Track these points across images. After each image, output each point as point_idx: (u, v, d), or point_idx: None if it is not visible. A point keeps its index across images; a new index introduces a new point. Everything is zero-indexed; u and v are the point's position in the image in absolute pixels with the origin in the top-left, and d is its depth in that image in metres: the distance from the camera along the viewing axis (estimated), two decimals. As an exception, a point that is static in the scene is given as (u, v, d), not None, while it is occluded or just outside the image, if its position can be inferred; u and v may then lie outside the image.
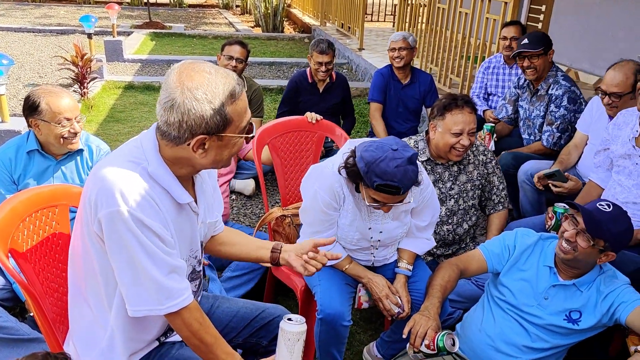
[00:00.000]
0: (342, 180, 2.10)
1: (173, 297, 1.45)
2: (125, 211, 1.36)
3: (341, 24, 10.38)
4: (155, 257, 1.41)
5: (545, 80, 3.47)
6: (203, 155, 1.44)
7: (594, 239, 1.88)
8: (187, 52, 9.56)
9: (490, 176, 2.72)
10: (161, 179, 1.46)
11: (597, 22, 6.97)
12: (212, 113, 1.38)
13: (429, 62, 6.77)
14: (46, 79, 7.30)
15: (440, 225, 2.67)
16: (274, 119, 3.05)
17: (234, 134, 1.44)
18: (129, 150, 1.48)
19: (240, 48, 3.95)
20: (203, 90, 1.37)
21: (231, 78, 1.43)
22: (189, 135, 1.40)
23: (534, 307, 2.02)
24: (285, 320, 1.53)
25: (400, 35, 4.20)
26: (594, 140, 3.05)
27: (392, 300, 2.16)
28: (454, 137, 2.46)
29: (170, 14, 15.17)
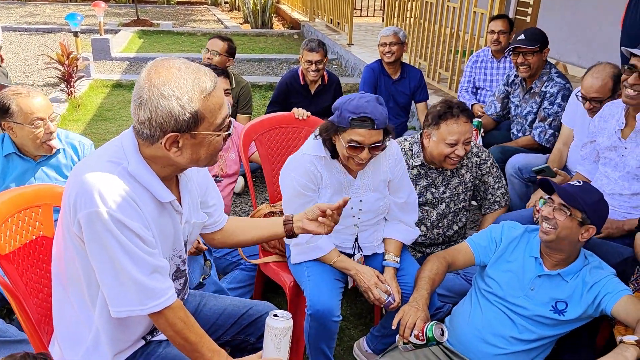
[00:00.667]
0: (314, 160, 2.14)
1: (155, 297, 1.44)
2: (104, 212, 1.34)
3: (330, 20, 10.36)
4: (136, 258, 1.40)
5: (539, 78, 3.46)
6: (178, 154, 1.42)
7: (569, 209, 1.90)
8: (175, 50, 9.50)
9: (485, 177, 2.69)
10: (142, 178, 1.44)
11: (585, 15, 7.00)
12: (181, 110, 1.35)
13: (417, 56, 6.78)
14: (32, 79, 7.24)
15: (430, 229, 2.68)
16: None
17: (207, 131, 1.40)
18: (109, 150, 1.47)
19: (221, 42, 3.93)
20: (170, 86, 1.34)
21: (202, 74, 1.39)
22: (160, 134, 1.37)
23: (521, 298, 2.03)
24: (271, 317, 1.53)
25: (391, 30, 4.19)
26: (579, 134, 3.06)
27: (382, 288, 2.16)
28: (449, 147, 2.41)
29: (158, 11, 15.08)
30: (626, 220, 2.44)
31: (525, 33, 3.39)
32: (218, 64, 3.86)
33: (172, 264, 1.62)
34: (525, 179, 3.19)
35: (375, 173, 2.22)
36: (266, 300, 2.73)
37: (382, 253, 2.35)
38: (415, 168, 2.60)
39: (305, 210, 1.78)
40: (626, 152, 2.47)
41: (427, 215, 2.66)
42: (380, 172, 2.23)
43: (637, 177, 2.44)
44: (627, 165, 2.46)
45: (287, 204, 2.22)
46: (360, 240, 2.31)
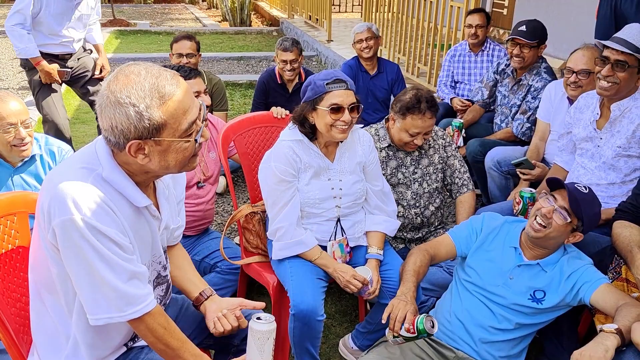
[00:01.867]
0: (292, 144, 2.22)
1: (134, 303, 1.42)
2: (79, 219, 1.32)
3: (309, 16, 10.35)
4: (113, 264, 1.38)
5: (529, 71, 3.49)
6: (147, 160, 1.39)
7: (571, 215, 1.92)
8: (153, 50, 9.41)
9: (450, 159, 2.77)
10: (116, 183, 1.42)
11: (559, 6, 7.07)
12: (138, 117, 1.32)
13: (396, 51, 6.79)
14: (7, 82, 7.11)
15: (407, 209, 2.71)
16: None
17: (173, 137, 1.37)
18: (82, 156, 1.44)
19: (189, 42, 3.87)
20: (127, 92, 1.31)
21: (163, 78, 1.35)
22: (124, 140, 1.35)
23: (500, 286, 2.05)
24: (254, 320, 1.53)
25: (365, 26, 4.21)
26: (556, 128, 3.09)
27: (359, 278, 2.18)
28: (410, 137, 2.53)
29: (135, 11, 14.92)
30: (604, 209, 2.46)
31: (527, 25, 3.39)
32: (194, 65, 3.84)
33: (152, 270, 1.61)
34: (504, 172, 3.22)
35: (351, 157, 2.31)
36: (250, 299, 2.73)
37: (366, 246, 2.37)
38: (383, 150, 2.67)
39: (225, 300, 1.76)
40: (601, 143, 2.50)
41: (403, 196, 2.71)
42: (356, 156, 2.32)
43: (613, 167, 2.47)
44: (603, 156, 2.49)
45: (269, 196, 2.24)
46: (343, 226, 2.33)
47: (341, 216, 2.32)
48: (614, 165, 2.46)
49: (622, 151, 2.43)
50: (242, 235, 2.57)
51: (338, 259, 2.29)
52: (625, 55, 2.30)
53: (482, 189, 3.60)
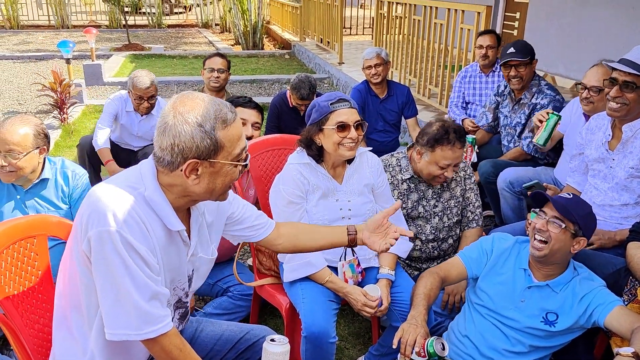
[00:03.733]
0: (299, 167, 2.27)
1: (152, 322, 1.44)
2: (115, 231, 1.37)
3: (320, 39, 10.47)
4: (138, 281, 1.41)
5: (528, 90, 3.52)
6: (196, 182, 1.45)
7: (564, 220, 1.93)
8: (167, 73, 9.57)
9: (468, 192, 2.75)
10: (156, 204, 1.47)
11: (571, 27, 7.10)
12: (203, 136, 1.40)
13: (407, 73, 6.84)
14: (26, 106, 7.26)
15: (425, 243, 2.71)
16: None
17: (226, 160, 1.45)
18: (128, 176, 1.50)
19: (220, 59, 4.05)
20: (194, 114, 1.40)
21: (224, 106, 1.46)
22: (181, 160, 1.42)
23: (512, 310, 2.04)
24: (268, 341, 1.54)
25: (374, 52, 4.25)
26: (569, 144, 3.10)
27: (371, 304, 2.18)
28: (440, 169, 2.51)
29: (149, 35, 15.19)
30: (618, 230, 2.46)
31: (515, 46, 3.45)
32: (223, 81, 4.07)
33: (174, 295, 1.63)
34: (517, 193, 3.21)
35: (359, 179, 2.34)
36: (264, 322, 2.74)
37: (378, 267, 2.37)
38: (405, 182, 2.66)
39: (367, 221, 1.84)
40: (614, 164, 2.50)
41: (422, 230, 2.69)
42: (364, 178, 2.35)
43: (626, 188, 2.47)
44: (616, 177, 2.49)
45: (279, 218, 2.27)
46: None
47: None
48: (627, 186, 2.46)
49: (634, 172, 2.43)
50: (255, 257, 2.59)
51: (349, 280, 2.30)
52: (632, 76, 2.31)
53: (495, 210, 3.59)
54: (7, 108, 7.16)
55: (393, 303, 2.28)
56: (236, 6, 12.24)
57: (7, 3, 15.53)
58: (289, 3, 13.54)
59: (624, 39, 5.96)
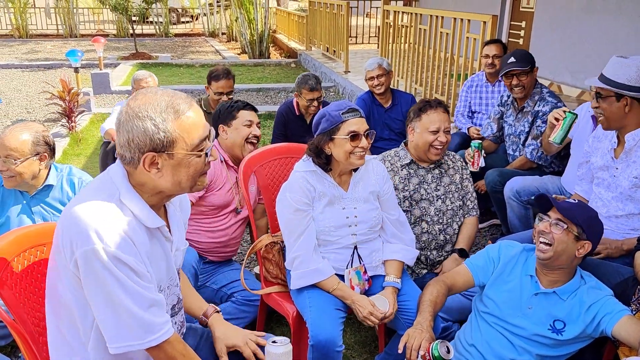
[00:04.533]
0: (306, 175, 2.29)
1: (153, 331, 1.45)
2: (101, 249, 1.37)
3: (326, 48, 10.52)
4: (133, 293, 1.42)
5: (531, 98, 3.54)
6: (160, 176, 1.47)
7: (566, 222, 1.94)
8: (174, 82, 9.64)
9: (465, 182, 2.87)
10: (132, 205, 1.48)
11: (576, 36, 7.11)
12: (155, 129, 1.41)
13: (413, 82, 6.86)
14: (34, 115, 7.33)
15: (431, 224, 2.76)
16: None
17: (185, 151, 1.45)
18: (99, 185, 1.51)
19: (227, 81, 4.02)
20: (145, 107, 1.42)
21: (178, 97, 1.46)
22: (139, 154, 1.44)
23: (519, 317, 2.04)
24: (270, 343, 1.58)
25: (375, 63, 4.27)
26: (576, 147, 3.10)
27: (377, 315, 2.19)
28: (432, 134, 2.65)
29: (156, 44, 15.32)
30: (625, 239, 2.46)
31: (514, 55, 3.48)
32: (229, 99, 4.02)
33: (171, 294, 1.65)
34: (524, 202, 3.21)
35: (365, 186, 2.37)
36: (270, 331, 2.75)
37: (384, 275, 2.38)
38: (404, 168, 2.76)
39: (227, 333, 1.82)
40: (617, 173, 2.50)
41: (426, 212, 2.77)
42: (369, 185, 2.37)
43: (631, 198, 2.46)
44: (620, 186, 2.49)
45: (286, 226, 2.30)
46: (361, 254, 2.35)
47: (358, 243, 2.34)
48: (631, 196, 2.46)
49: (638, 182, 2.42)
50: (262, 265, 2.60)
51: (356, 287, 2.31)
52: (598, 87, 2.44)
53: (502, 219, 3.59)
54: (16, 116, 7.23)
55: (399, 311, 2.28)
56: (243, 15, 12.34)
57: (16, 12, 15.72)
58: (295, 12, 13.64)
59: (631, 47, 5.96)
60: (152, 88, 1.49)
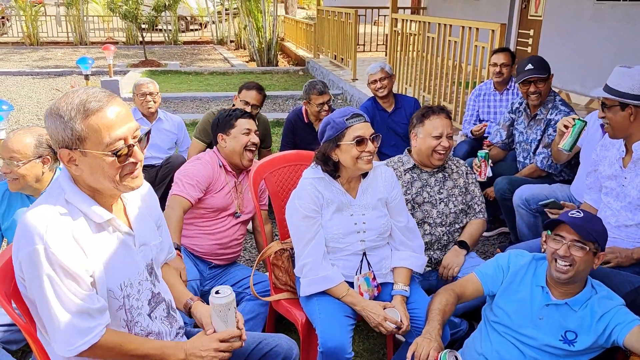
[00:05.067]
0: (314, 182, 2.30)
1: (81, 335, 1.47)
2: (42, 249, 1.41)
3: (334, 56, 10.56)
4: (64, 298, 1.45)
5: (544, 105, 3.54)
6: (80, 171, 1.50)
7: (586, 242, 1.93)
8: (183, 89, 9.70)
9: (471, 186, 2.88)
10: (77, 202, 1.52)
11: (585, 44, 7.10)
12: (63, 126, 1.45)
13: (421, 89, 6.87)
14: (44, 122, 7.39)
15: (434, 227, 2.78)
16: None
17: (97, 150, 1.47)
18: (49, 189, 1.57)
19: (257, 94, 3.98)
20: (57, 106, 1.47)
21: (93, 97, 1.47)
22: (57, 150, 1.49)
23: (530, 327, 2.04)
24: (214, 295, 1.65)
25: (378, 67, 4.31)
26: (585, 156, 3.10)
27: (391, 320, 2.19)
28: (435, 139, 2.69)
29: (165, 52, 15.43)
30: (635, 248, 2.45)
31: (532, 62, 3.47)
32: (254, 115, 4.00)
33: (143, 290, 1.68)
34: (533, 210, 3.21)
35: (373, 193, 2.38)
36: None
37: (392, 283, 2.38)
38: (407, 172, 2.79)
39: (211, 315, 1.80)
40: (626, 182, 2.50)
41: (429, 214, 2.78)
42: (377, 192, 2.38)
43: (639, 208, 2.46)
44: (628, 196, 2.48)
45: (295, 233, 2.32)
46: (370, 261, 2.36)
47: (367, 250, 2.35)
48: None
49: None
50: (272, 272, 2.61)
51: (365, 293, 2.31)
52: (603, 97, 2.48)
53: (510, 226, 3.58)
54: (26, 123, 7.29)
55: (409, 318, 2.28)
56: (251, 23, 12.42)
57: (27, 20, 15.90)
58: (303, 20, 13.71)
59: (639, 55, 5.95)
60: (78, 88, 1.52)
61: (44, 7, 17.13)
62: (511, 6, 9.05)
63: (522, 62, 3.56)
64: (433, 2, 12.45)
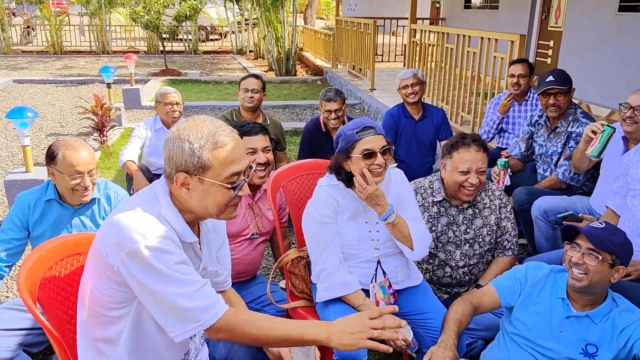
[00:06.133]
0: (329, 189, 2.32)
1: (208, 310, 1.50)
2: (146, 246, 1.45)
3: (352, 66, 10.60)
4: (181, 280, 1.48)
5: (565, 118, 3.51)
6: (188, 195, 1.55)
7: (600, 252, 1.92)
8: (203, 98, 9.81)
9: (504, 221, 2.74)
10: (170, 219, 1.55)
11: (606, 55, 7.04)
12: (190, 153, 1.50)
13: (439, 100, 6.87)
14: (67, 129, 7.53)
15: (455, 269, 2.71)
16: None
17: (214, 180, 1.52)
18: (143, 197, 1.59)
19: (255, 80, 4.16)
20: (187, 132, 1.52)
21: (222, 129, 1.54)
22: (174, 171, 1.53)
23: (549, 340, 2.02)
24: None
25: (411, 72, 4.32)
26: (606, 167, 3.07)
27: (401, 337, 2.17)
28: (462, 175, 2.54)
29: (185, 61, 15.62)
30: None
31: (553, 74, 3.45)
32: (257, 101, 4.15)
33: None
34: (551, 222, 3.18)
35: (386, 199, 2.34)
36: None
37: (412, 287, 2.39)
38: (435, 205, 2.68)
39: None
40: None
41: (451, 256, 2.70)
42: (390, 197, 2.36)
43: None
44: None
45: (311, 239, 2.34)
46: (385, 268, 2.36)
47: (381, 257, 2.36)
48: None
49: None
50: (289, 280, 2.63)
51: (381, 301, 2.31)
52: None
53: (528, 237, 3.56)
54: (50, 130, 7.44)
55: (424, 329, 2.28)
56: (270, 33, 12.53)
57: (52, 30, 16.25)
58: (322, 30, 13.79)
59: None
60: (203, 117, 1.57)
61: (68, 16, 17.48)
62: (531, 17, 9.02)
63: (544, 74, 3.54)
64: (452, 13, 12.45)
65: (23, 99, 9.54)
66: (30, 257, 1.69)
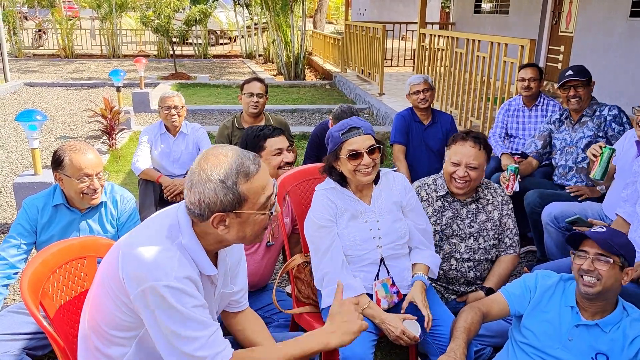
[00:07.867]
0: (326, 192, 2.35)
1: (216, 350, 1.49)
2: (168, 285, 1.42)
3: (361, 70, 10.59)
4: (198, 325, 1.46)
5: (589, 107, 3.59)
6: (225, 232, 1.53)
7: (610, 255, 1.90)
8: (211, 102, 9.83)
9: (505, 217, 2.75)
10: (192, 252, 1.53)
11: (618, 60, 6.99)
12: (225, 192, 1.47)
13: (448, 104, 6.83)
14: (77, 132, 7.57)
15: (460, 262, 2.71)
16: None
17: (252, 210, 1.52)
18: (164, 225, 1.54)
19: (259, 83, 4.09)
20: (217, 170, 1.48)
21: (247, 159, 1.52)
22: (209, 213, 1.49)
23: (559, 349, 1.99)
24: None
25: (421, 78, 4.30)
26: (620, 173, 3.03)
27: (409, 335, 2.16)
28: (453, 166, 2.60)
29: (195, 65, 15.68)
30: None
31: (572, 68, 3.53)
32: (262, 106, 4.07)
33: None
34: (562, 228, 3.14)
35: (387, 198, 2.39)
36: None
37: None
38: (439, 199, 2.71)
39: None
40: None
41: (456, 249, 2.71)
42: (392, 196, 2.39)
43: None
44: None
45: (311, 244, 2.34)
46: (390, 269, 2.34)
47: (385, 258, 2.34)
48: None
49: None
50: (294, 285, 2.60)
51: (382, 300, 2.29)
52: None
53: (537, 241, 3.52)
54: (59, 133, 7.48)
55: (432, 336, 2.25)
56: (280, 38, 12.56)
57: (63, 33, 16.39)
58: (331, 35, 13.80)
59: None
60: (220, 148, 1.53)
61: (79, 20, 17.63)
62: (541, 22, 8.97)
63: (563, 70, 3.61)
64: (462, 18, 12.42)
65: (34, 102, 9.61)
66: (34, 261, 1.69)
